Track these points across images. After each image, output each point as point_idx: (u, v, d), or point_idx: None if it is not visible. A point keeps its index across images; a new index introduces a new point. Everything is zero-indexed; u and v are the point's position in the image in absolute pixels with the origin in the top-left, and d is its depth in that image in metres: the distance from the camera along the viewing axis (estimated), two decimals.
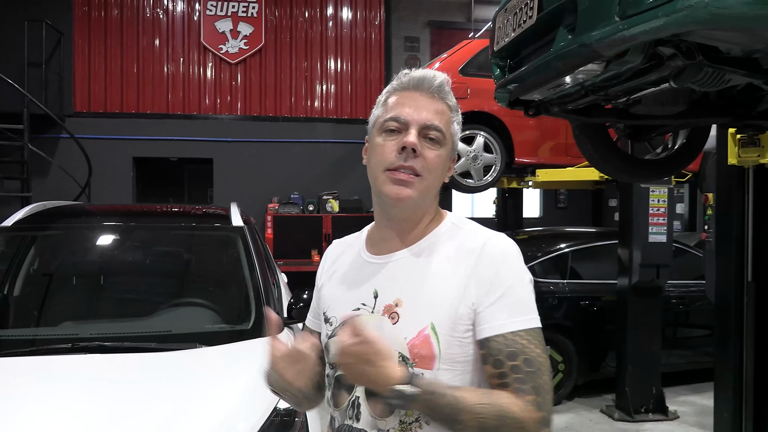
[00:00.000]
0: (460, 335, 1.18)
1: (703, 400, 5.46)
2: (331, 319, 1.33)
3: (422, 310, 1.20)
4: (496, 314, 1.16)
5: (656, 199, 5.14)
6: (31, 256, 3.64)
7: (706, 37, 1.70)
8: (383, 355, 1.12)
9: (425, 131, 1.22)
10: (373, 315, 1.24)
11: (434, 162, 1.23)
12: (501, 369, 1.14)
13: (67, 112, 8.83)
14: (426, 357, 1.17)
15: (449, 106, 1.27)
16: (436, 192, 1.28)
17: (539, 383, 1.13)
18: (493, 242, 1.22)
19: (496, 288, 1.17)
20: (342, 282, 1.35)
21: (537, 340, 1.17)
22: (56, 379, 2.34)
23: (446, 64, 6.27)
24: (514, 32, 2.29)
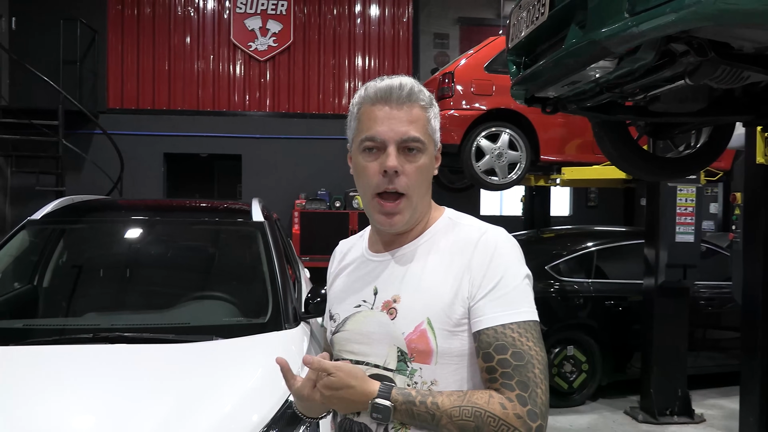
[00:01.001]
0: (456, 329, 1.19)
1: (732, 404, 5.35)
2: (335, 316, 1.36)
3: (419, 305, 1.22)
4: (487, 307, 1.17)
5: (684, 198, 5.04)
6: (59, 249, 3.75)
7: (716, 33, 1.68)
8: (354, 375, 1.17)
9: (404, 144, 1.23)
10: (373, 311, 1.27)
11: (416, 177, 1.24)
12: (489, 363, 1.15)
13: (100, 109, 9.03)
14: (423, 352, 1.20)
15: (423, 105, 1.25)
16: (427, 194, 1.29)
17: (528, 377, 1.13)
18: (488, 236, 1.23)
19: (488, 281, 1.19)
20: (346, 280, 1.38)
21: (529, 333, 1.16)
22: (76, 367, 2.41)
23: (472, 61, 6.25)
24: (527, 29, 2.29)
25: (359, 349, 1.28)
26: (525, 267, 1.23)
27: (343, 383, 1.16)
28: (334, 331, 1.35)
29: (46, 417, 2.08)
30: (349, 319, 1.32)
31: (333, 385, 1.16)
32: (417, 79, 1.31)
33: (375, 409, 1.15)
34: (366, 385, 1.17)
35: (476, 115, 5.92)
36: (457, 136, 5.92)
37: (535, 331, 1.18)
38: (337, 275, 1.43)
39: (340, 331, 1.33)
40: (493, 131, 5.88)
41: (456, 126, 5.94)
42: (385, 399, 1.15)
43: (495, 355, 1.14)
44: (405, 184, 1.23)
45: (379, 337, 1.25)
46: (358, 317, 1.30)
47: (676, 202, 5.04)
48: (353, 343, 1.30)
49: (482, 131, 5.89)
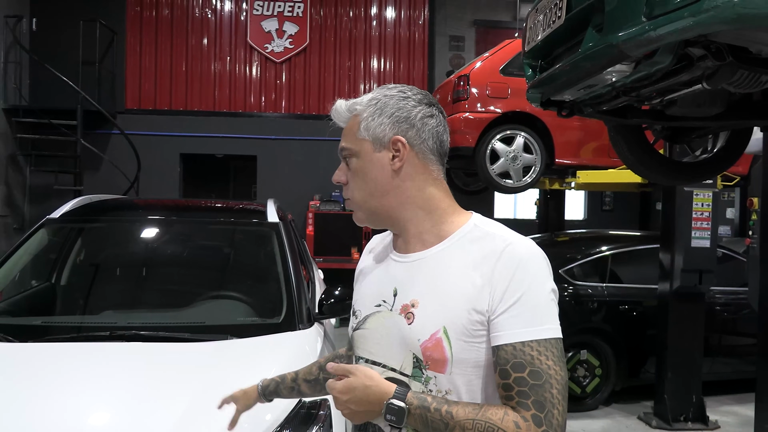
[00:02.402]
0: (473, 340, 1.18)
1: (747, 411, 5.29)
2: (357, 313, 1.38)
3: (436, 313, 1.20)
4: (507, 323, 1.15)
5: (700, 203, 5.00)
6: (77, 247, 3.80)
7: (734, 37, 1.67)
8: (370, 376, 1.19)
9: (342, 157, 1.33)
10: (392, 313, 1.27)
11: (353, 180, 1.31)
12: (506, 380, 1.13)
13: (118, 109, 9.13)
14: (438, 360, 1.19)
15: (355, 115, 1.31)
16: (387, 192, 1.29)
17: (545, 397, 1.11)
18: (513, 247, 1.19)
19: (509, 295, 1.15)
20: (370, 277, 1.39)
21: (550, 352, 1.13)
22: (93, 364, 2.44)
23: (488, 64, 6.24)
24: (544, 32, 2.29)
25: (377, 350, 1.29)
26: (550, 282, 1.19)
27: (360, 383, 1.17)
28: (354, 327, 1.37)
29: (63, 414, 2.11)
30: (369, 317, 1.33)
31: (351, 385, 1.17)
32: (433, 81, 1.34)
33: (389, 410, 1.15)
34: (383, 386, 1.18)
35: (491, 117, 5.91)
36: (472, 138, 5.92)
37: (557, 349, 1.15)
38: (363, 271, 1.44)
39: (360, 329, 1.35)
40: (508, 134, 5.87)
41: (471, 129, 5.94)
42: (401, 401, 1.15)
43: (512, 372, 1.13)
44: (348, 192, 1.33)
45: (396, 340, 1.25)
46: (378, 317, 1.31)
47: (693, 206, 5.00)
48: (372, 343, 1.31)
49: (497, 134, 5.88)
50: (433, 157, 1.29)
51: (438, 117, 1.30)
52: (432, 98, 1.32)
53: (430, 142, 1.28)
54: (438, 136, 1.29)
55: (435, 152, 1.29)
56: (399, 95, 1.29)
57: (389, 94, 1.29)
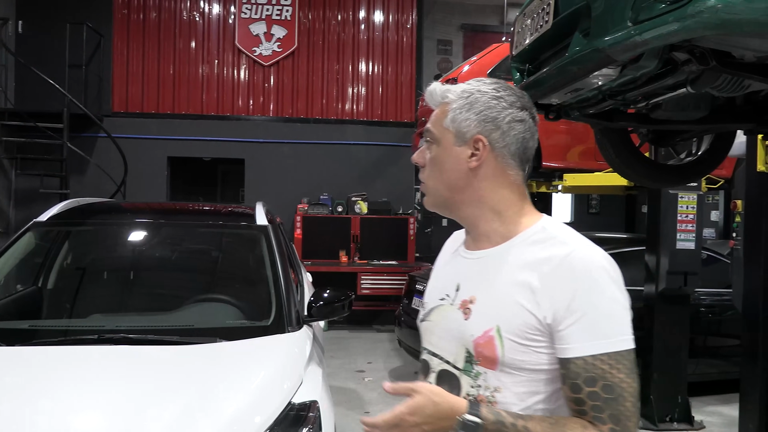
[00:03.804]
0: (528, 343, 1.16)
1: (732, 411, 5.34)
2: (425, 304, 1.41)
3: (491, 311, 1.20)
4: (575, 335, 1.13)
5: (685, 205, 5.06)
6: (64, 251, 3.78)
7: (718, 42, 1.70)
8: (435, 392, 1.16)
9: (424, 139, 1.34)
10: (452, 307, 1.30)
11: (428, 165, 1.31)
12: (578, 394, 1.12)
13: (105, 112, 9.08)
14: (488, 358, 1.19)
15: (446, 102, 1.30)
16: (463, 187, 1.27)
17: (619, 410, 1.10)
18: (577, 254, 1.17)
19: (576, 307, 1.13)
20: (440, 271, 1.43)
21: (621, 364, 1.11)
22: (81, 367, 2.43)
23: (475, 67, 6.29)
24: (531, 36, 2.31)
25: (437, 342, 1.32)
26: (619, 290, 1.17)
27: (429, 400, 1.14)
28: (421, 318, 1.40)
29: (50, 417, 2.10)
30: (434, 310, 1.36)
31: (418, 406, 1.14)
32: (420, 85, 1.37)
33: (464, 426, 1.12)
34: (452, 401, 1.16)
35: None
36: None
37: (628, 360, 1.13)
38: (436, 265, 1.48)
39: (425, 320, 1.38)
40: None
41: None
42: (475, 416, 1.12)
43: (584, 387, 1.11)
44: (424, 174, 1.33)
45: (453, 334, 1.27)
46: (440, 310, 1.33)
47: (678, 209, 5.06)
48: (433, 336, 1.34)
49: None
50: (512, 162, 1.27)
51: (528, 122, 1.27)
52: (527, 102, 1.29)
53: (512, 147, 1.26)
54: (523, 142, 1.27)
55: (516, 157, 1.27)
56: (492, 93, 1.26)
57: (483, 90, 1.27)
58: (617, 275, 1.18)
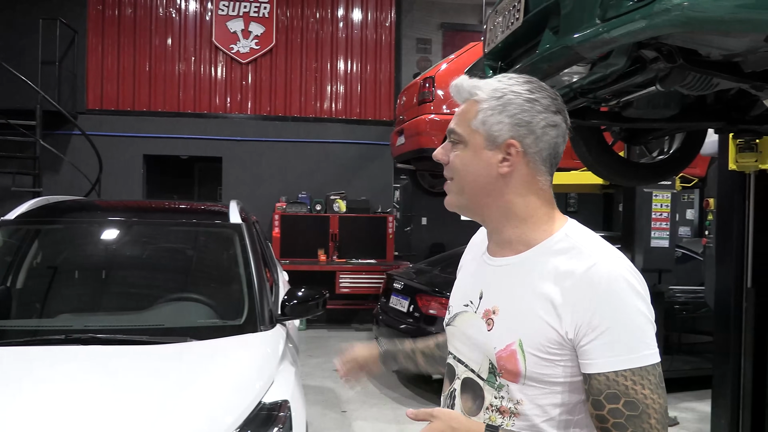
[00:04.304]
0: (551, 357, 1.15)
1: (706, 407, 5.39)
2: (450, 308, 1.40)
3: (513, 324, 1.19)
4: (597, 351, 1.11)
5: (659, 203, 5.11)
6: (34, 250, 3.70)
7: (684, 40, 1.71)
8: (454, 417, 1.18)
9: (449, 137, 1.27)
10: (476, 315, 1.28)
11: (455, 164, 1.24)
12: (600, 411, 1.10)
13: (79, 110, 8.94)
14: (511, 371, 1.18)
15: (475, 100, 1.23)
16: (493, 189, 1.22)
17: (643, 428, 1.08)
18: (599, 267, 1.13)
19: (598, 322, 1.10)
20: (464, 274, 1.41)
21: (646, 380, 1.09)
22: (45, 369, 2.39)
23: (453, 66, 6.29)
24: (503, 34, 2.31)
25: (461, 349, 1.31)
26: (643, 303, 1.13)
27: (447, 425, 1.16)
28: (446, 323, 1.39)
29: (12, 417, 2.05)
30: (458, 315, 1.34)
31: (437, 430, 1.16)
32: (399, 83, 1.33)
33: None
34: (470, 426, 1.16)
35: None
36: (437, 140, 5.95)
37: (654, 375, 1.10)
38: (462, 266, 1.45)
39: (450, 325, 1.37)
40: None
41: (436, 130, 5.97)
42: None
43: (606, 404, 1.10)
44: (448, 171, 1.26)
45: (476, 343, 1.26)
46: (464, 317, 1.32)
47: (652, 207, 5.11)
48: (457, 342, 1.33)
49: None
50: (543, 168, 1.22)
51: (561, 127, 1.22)
52: (561, 104, 1.24)
53: (545, 153, 1.21)
54: (555, 147, 1.22)
55: (547, 163, 1.22)
56: (526, 94, 1.19)
57: (516, 90, 1.20)
58: (642, 287, 1.15)
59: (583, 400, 1.16)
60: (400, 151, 6.99)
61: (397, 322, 5.85)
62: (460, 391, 1.28)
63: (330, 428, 4.90)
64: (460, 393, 1.28)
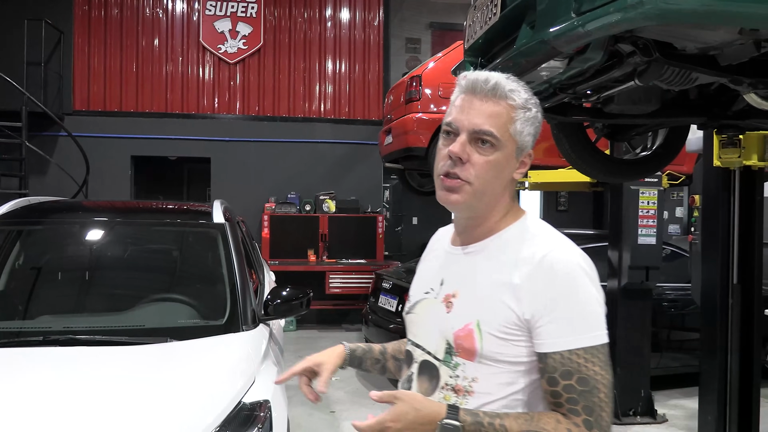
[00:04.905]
0: (506, 337, 1.21)
1: (694, 404, 5.37)
2: (410, 298, 1.47)
3: (472, 305, 1.25)
4: (552, 332, 1.18)
5: (646, 200, 5.12)
6: (16, 251, 3.66)
7: (659, 33, 1.70)
8: (416, 399, 1.21)
9: (476, 136, 1.25)
10: (436, 301, 1.35)
11: (483, 168, 1.24)
12: (554, 387, 1.17)
13: (66, 111, 8.88)
14: (468, 350, 1.24)
15: (511, 105, 1.25)
16: (501, 191, 1.29)
17: (593, 402, 1.15)
18: (555, 254, 1.21)
19: (553, 304, 1.18)
20: (425, 266, 1.48)
21: (596, 358, 1.17)
22: (23, 369, 2.36)
23: (439, 65, 6.28)
24: (481, 29, 2.30)
25: (420, 334, 1.37)
26: (595, 287, 1.21)
27: (410, 407, 1.19)
28: (406, 311, 1.46)
29: None
30: (418, 303, 1.41)
31: (400, 412, 1.18)
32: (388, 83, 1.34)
33: (444, 430, 1.17)
34: (433, 407, 1.19)
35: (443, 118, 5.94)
36: (425, 138, 5.94)
37: (602, 354, 1.18)
38: (422, 260, 1.52)
39: (410, 313, 1.44)
40: None
41: (423, 129, 5.96)
42: (454, 419, 1.17)
43: (561, 380, 1.17)
44: (469, 173, 1.25)
45: (435, 326, 1.32)
46: (424, 303, 1.39)
47: (639, 204, 5.11)
48: (416, 327, 1.40)
49: None
50: None
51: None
52: None
53: None
54: None
55: None
56: (539, 107, 1.30)
57: (537, 104, 1.30)
58: (593, 273, 1.23)
59: (536, 380, 1.22)
60: (388, 151, 6.98)
61: (386, 321, 5.83)
62: (417, 374, 1.34)
63: (319, 429, 4.88)
64: (417, 376, 1.34)
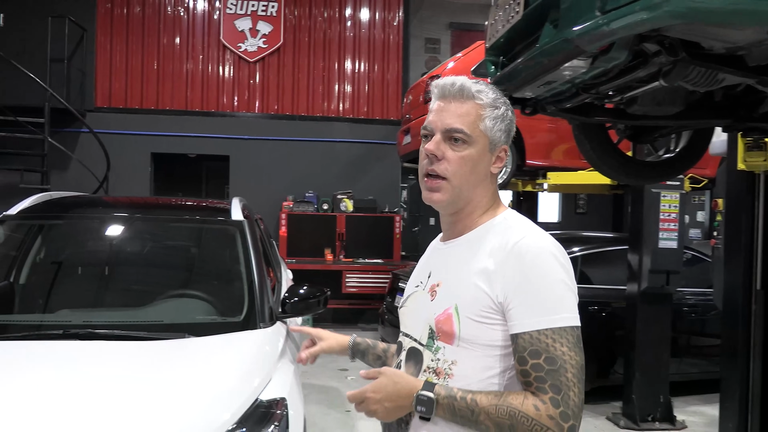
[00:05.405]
0: (481, 320, 1.29)
1: (713, 411, 5.33)
2: (404, 293, 1.57)
3: (451, 292, 1.35)
4: (522, 313, 1.25)
5: (667, 204, 5.05)
6: (37, 245, 3.71)
7: (686, 32, 1.67)
8: (398, 374, 1.33)
9: (448, 134, 1.37)
10: (423, 292, 1.45)
11: (457, 163, 1.37)
12: (524, 366, 1.24)
13: (88, 108, 8.98)
14: (447, 333, 1.33)
15: (479, 104, 1.38)
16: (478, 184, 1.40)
17: (560, 381, 1.20)
18: (526, 241, 1.29)
19: (523, 287, 1.25)
20: (420, 263, 1.59)
21: (564, 339, 1.22)
22: (43, 363, 2.38)
23: (459, 65, 6.25)
24: (503, 28, 2.27)
25: (409, 324, 1.47)
26: (565, 273, 1.28)
27: (390, 380, 1.30)
28: (400, 306, 1.56)
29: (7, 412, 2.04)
30: (409, 297, 1.52)
31: (381, 384, 1.30)
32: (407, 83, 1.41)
33: (419, 402, 1.27)
34: (411, 381, 1.31)
35: None
36: None
37: (572, 336, 1.24)
38: (420, 259, 1.62)
39: (402, 306, 1.54)
40: None
41: None
42: (429, 392, 1.26)
43: (529, 359, 1.23)
44: (445, 168, 1.37)
45: (420, 314, 1.42)
46: (414, 296, 1.49)
47: (660, 207, 5.05)
48: (407, 318, 1.49)
49: None
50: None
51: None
52: None
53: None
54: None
55: None
56: (511, 108, 1.43)
57: (507, 103, 1.43)
58: (565, 260, 1.30)
59: (512, 365, 1.28)
60: (407, 150, 6.96)
61: None
62: (405, 360, 1.43)
63: (333, 428, 4.88)
64: (404, 362, 1.43)
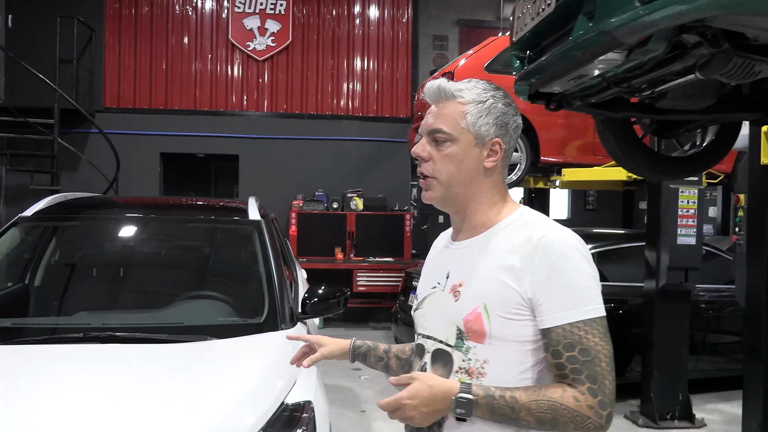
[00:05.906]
0: (513, 317, 1.30)
1: (733, 409, 5.30)
2: (418, 296, 1.55)
3: (478, 291, 1.34)
4: (553, 307, 1.27)
5: (686, 200, 4.98)
6: (52, 247, 3.67)
7: (731, 22, 1.62)
8: (431, 377, 1.29)
9: (432, 136, 1.41)
10: (443, 293, 1.43)
11: (442, 161, 1.39)
12: (559, 360, 1.26)
13: (97, 108, 8.96)
14: (477, 332, 1.33)
15: (460, 102, 1.39)
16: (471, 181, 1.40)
17: (596, 371, 1.23)
18: (550, 236, 1.31)
19: (552, 281, 1.27)
20: (431, 264, 1.57)
21: (595, 330, 1.25)
22: (64, 366, 2.34)
23: (472, 61, 6.20)
24: (532, 21, 2.22)
25: (430, 326, 1.45)
26: (589, 265, 1.31)
27: (425, 384, 1.27)
28: (414, 308, 1.54)
29: (31, 417, 2.01)
30: (426, 298, 1.49)
31: (416, 389, 1.27)
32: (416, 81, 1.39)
33: (458, 404, 1.25)
34: (446, 384, 1.28)
35: None
36: None
37: (601, 326, 1.27)
38: (426, 262, 1.61)
39: (418, 309, 1.51)
40: None
41: None
42: (468, 393, 1.25)
43: (564, 352, 1.25)
44: (430, 168, 1.40)
45: (444, 316, 1.40)
46: (432, 297, 1.47)
47: (678, 203, 4.98)
48: (426, 321, 1.47)
49: None
50: (507, 161, 1.44)
51: (520, 126, 1.46)
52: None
53: (511, 150, 1.45)
54: (514, 143, 1.46)
55: (509, 156, 1.45)
56: (504, 99, 1.41)
57: (496, 96, 1.41)
58: (587, 252, 1.33)
59: (543, 358, 1.30)
60: None
61: None
62: (431, 363, 1.41)
63: (349, 428, 4.84)
64: (430, 365, 1.41)
